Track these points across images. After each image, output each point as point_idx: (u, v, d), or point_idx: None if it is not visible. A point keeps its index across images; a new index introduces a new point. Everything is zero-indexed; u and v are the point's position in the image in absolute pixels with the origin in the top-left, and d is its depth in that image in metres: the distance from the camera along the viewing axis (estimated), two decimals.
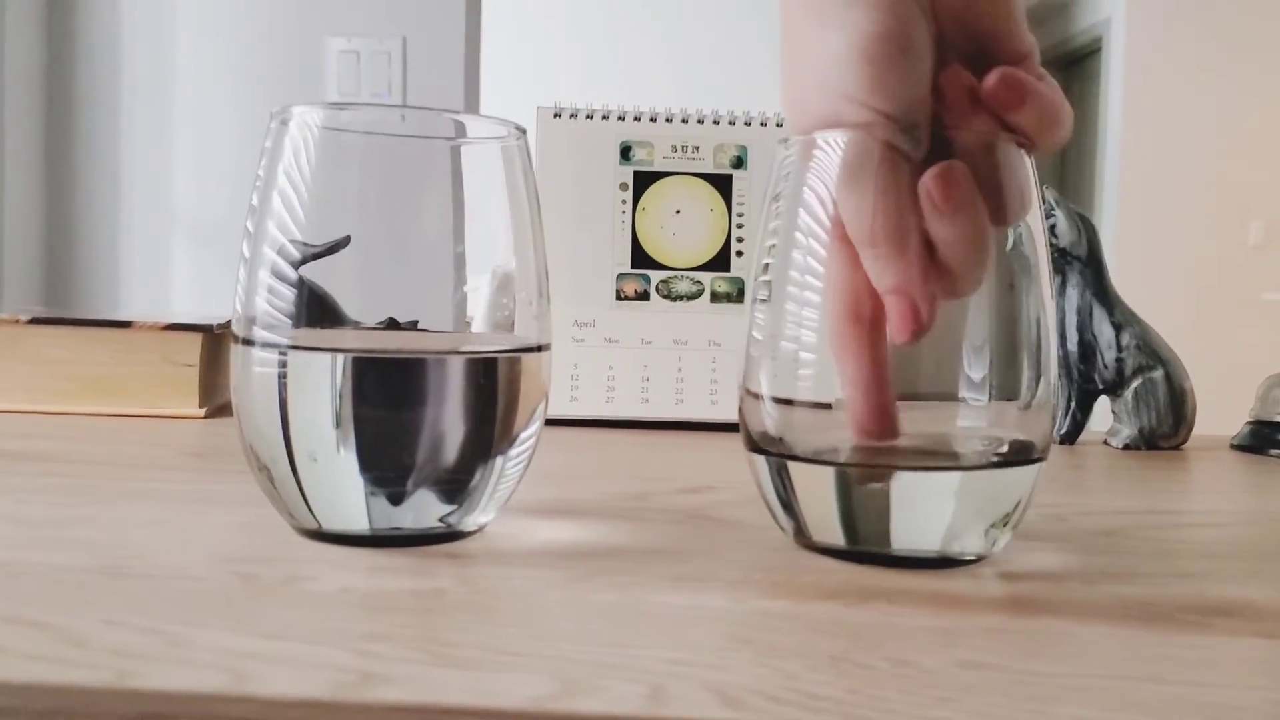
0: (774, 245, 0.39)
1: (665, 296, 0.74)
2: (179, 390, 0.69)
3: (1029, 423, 0.38)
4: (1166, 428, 0.70)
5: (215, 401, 0.71)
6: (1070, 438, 0.71)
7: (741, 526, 0.44)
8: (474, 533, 0.40)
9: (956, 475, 0.38)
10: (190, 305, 2.12)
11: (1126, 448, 0.70)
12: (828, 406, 0.38)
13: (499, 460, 0.38)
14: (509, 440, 0.39)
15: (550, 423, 0.71)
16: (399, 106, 0.40)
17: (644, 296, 0.74)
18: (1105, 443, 0.72)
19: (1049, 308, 0.38)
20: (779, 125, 0.75)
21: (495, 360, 0.38)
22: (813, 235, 0.37)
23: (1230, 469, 0.66)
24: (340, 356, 0.36)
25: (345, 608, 0.32)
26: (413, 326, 0.39)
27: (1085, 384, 0.71)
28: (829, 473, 0.37)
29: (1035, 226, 0.37)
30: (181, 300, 2.15)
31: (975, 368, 0.37)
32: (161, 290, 2.17)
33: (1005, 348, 0.37)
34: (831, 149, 0.36)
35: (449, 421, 0.37)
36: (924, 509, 0.37)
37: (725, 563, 0.38)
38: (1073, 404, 0.71)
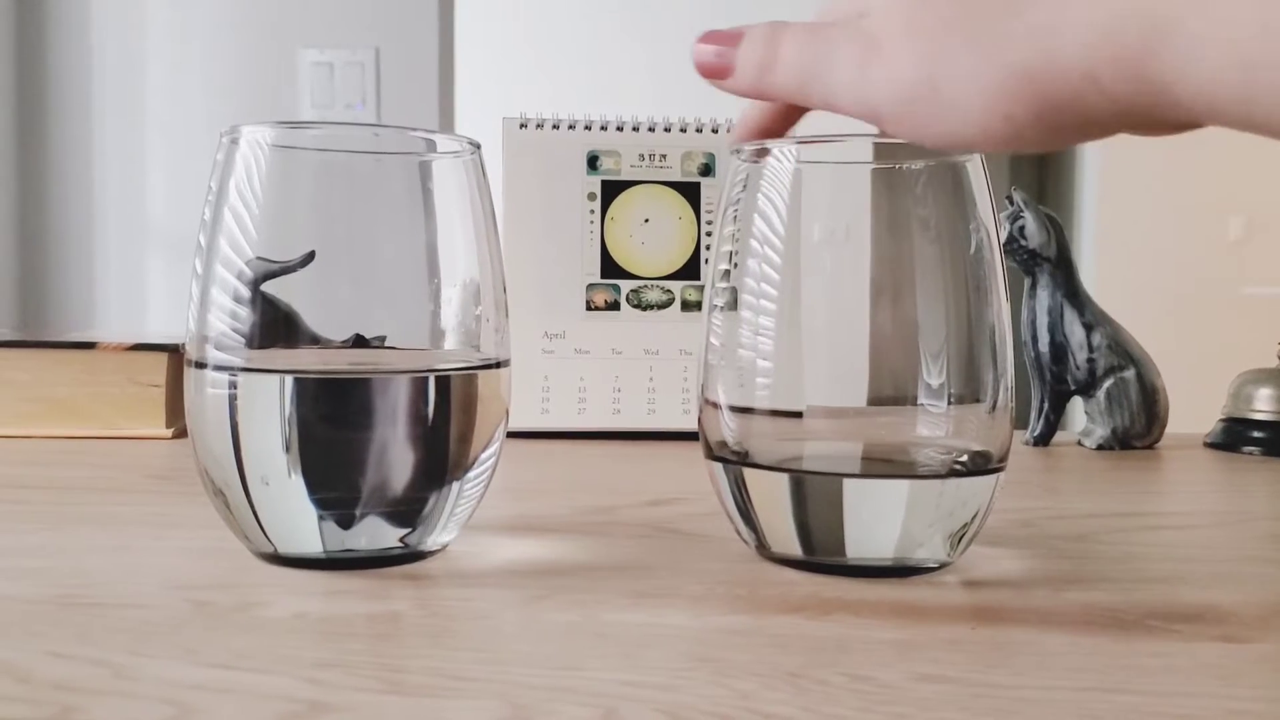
0: (731, 253, 0.38)
1: (636, 306, 0.74)
2: (145, 411, 0.68)
3: (988, 431, 0.37)
4: (1139, 427, 0.70)
5: (182, 422, 0.70)
6: (1044, 439, 0.71)
7: (708, 539, 0.44)
8: (436, 552, 0.40)
9: (905, 484, 0.37)
10: (167, 319, 2.11)
11: (1100, 448, 0.70)
12: (786, 415, 0.37)
13: (456, 481, 0.38)
14: (467, 460, 0.38)
15: (521, 435, 0.71)
16: (363, 125, 0.39)
17: (614, 306, 0.74)
18: (1079, 443, 0.72)
19: (1006, 312, 0.37)
20: None
21: (449, 378, 0.38)
22: (768, 244, 0.37)
23: (1203, 467, 0.66)
24: (288, 378, 0.35)
25: (298, 634, 0.31)
26: (380, 343, 0.39)
27: (1058, 385, 0.71)
28: (784, 481, 0.37)
29: (992, 230, 0.37)
30: (158, 314, 2.14)
31: (933, 374, 0.36)
32: (138, 305, 2.15)
33: (963, 353, 0.37)
34: (785, 159, 0.36)
35: (401, 443, 0.37)
36: (875, 518, 0.37)
37: (688, 577, 0.38)
38: (1045, 405, 0.71)
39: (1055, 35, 0.28)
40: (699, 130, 0.75)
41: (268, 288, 0.37)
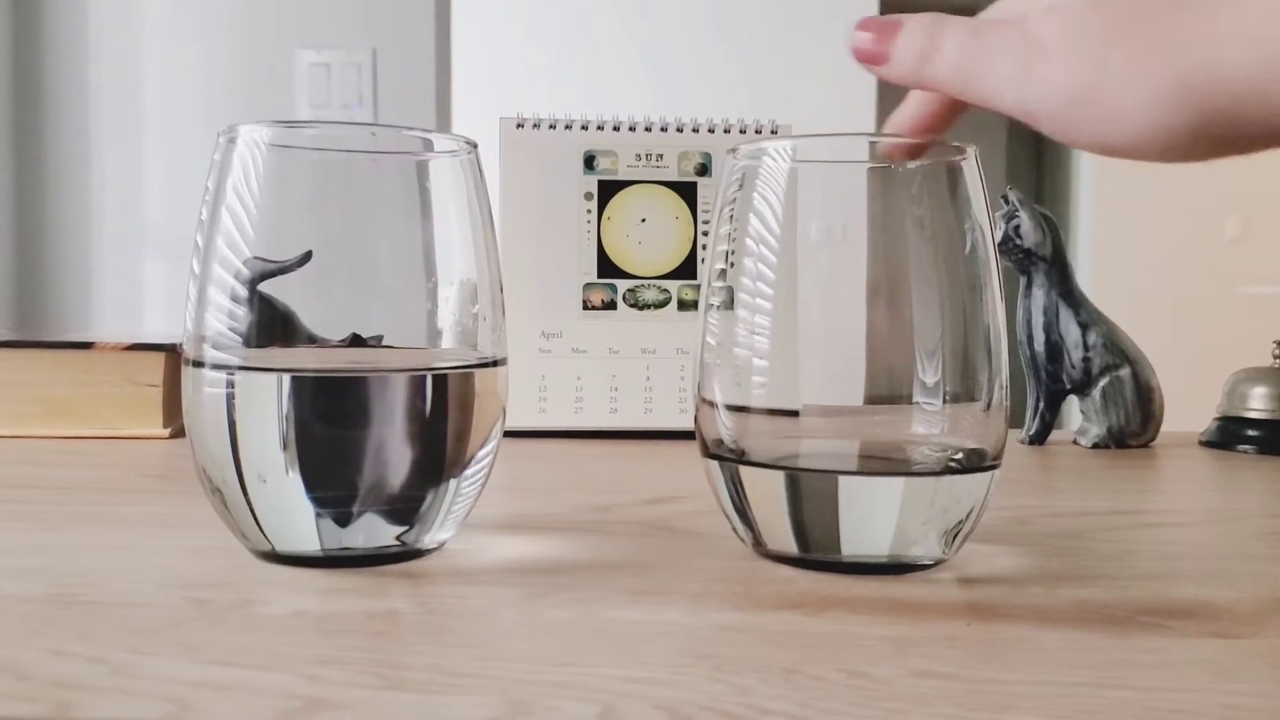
0: (727, 252, 0.38)
1: (632, 305, 0.74)
2: (142, 411, 0.68)
3: (983, 429, 0.37)
4: (1135, 425, 0.70)
5: (179, 422, 0.70)
6: (1039, 438, 0.72)
7: (705, 537, 0.44)
8: (433, 550, 0.40)
9: (899, 482, 0.38)
10: (163, 321, 2.11)
11: (1095, 446, 0.70)
12: (782, 413, 0.38)
13: (453, 478, 0.38)
14: (463, 458, 0.38)
15: (518, 434, 0.72)
16: (360, 124, 0.39)
17: (611, 306, 0.74)
18: (1074, 442, 0.72)
19: (1000, 311, 0.38)
20: (742, 131, 0.75)
21: (446, 377, 0.38)
22: (763, 243, 0.37)
23: (1198, 465, 0.66)
24: (285, 377, 0.36)
25: (297, 632, 0.31)
26: (378, 342, 0.39)
27: (1053, 384, 0.71)
28: (780, 479, 0.37)
29: (986, 230, 0.37)
30: (155, 315, 2.14)
31: (928, 372, 0.36)
32: (135, 305, 2.15)
33: (958, 352, 0.37)
34: (780, 158, 0.36)
35: (397, 441, 0.37)
36: (870, 515, 0.37)
37: (686, 575, 0.38)
38: (1041, 404, 0.71)
39: (1218, 47, 0.28)
40: (695, 130, 0.75)
41: (265, 287, 0.37)
